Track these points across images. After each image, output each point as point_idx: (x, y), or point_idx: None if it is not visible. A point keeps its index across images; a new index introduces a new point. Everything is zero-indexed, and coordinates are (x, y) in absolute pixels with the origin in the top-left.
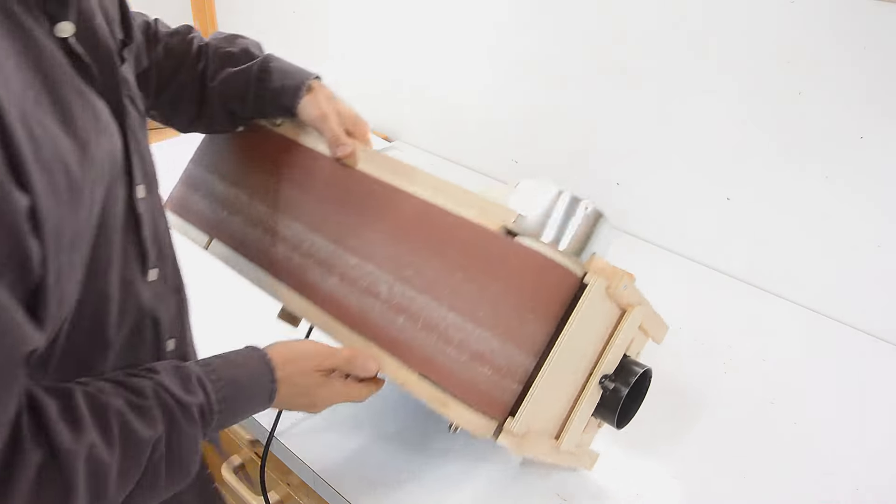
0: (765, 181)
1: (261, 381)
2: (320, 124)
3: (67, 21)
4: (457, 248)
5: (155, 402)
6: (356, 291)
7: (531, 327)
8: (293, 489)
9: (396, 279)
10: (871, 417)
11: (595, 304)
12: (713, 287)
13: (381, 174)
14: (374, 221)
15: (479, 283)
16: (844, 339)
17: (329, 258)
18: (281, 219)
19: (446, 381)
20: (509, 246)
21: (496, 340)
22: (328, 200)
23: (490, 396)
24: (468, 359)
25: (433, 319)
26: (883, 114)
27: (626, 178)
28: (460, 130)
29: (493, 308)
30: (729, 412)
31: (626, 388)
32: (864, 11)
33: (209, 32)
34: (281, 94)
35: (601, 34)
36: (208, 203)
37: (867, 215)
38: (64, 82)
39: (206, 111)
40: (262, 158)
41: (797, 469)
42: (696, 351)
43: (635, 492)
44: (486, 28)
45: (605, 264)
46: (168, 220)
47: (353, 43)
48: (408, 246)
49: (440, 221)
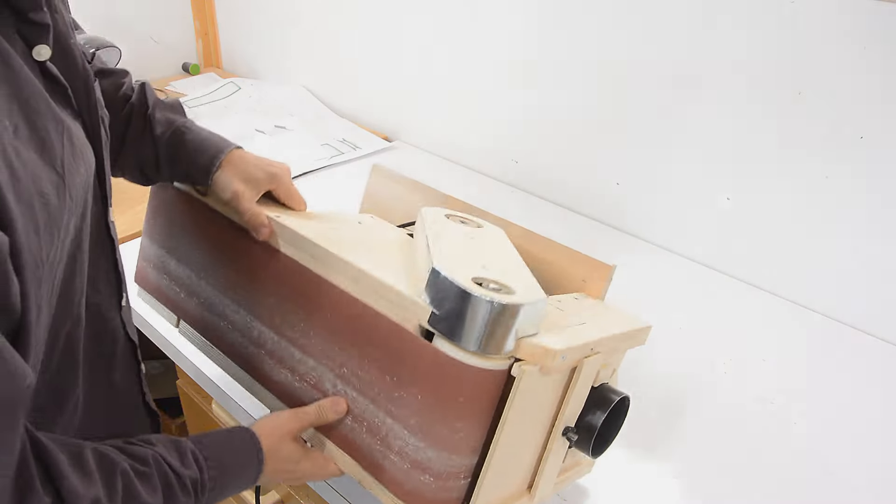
0: (765, 181)
1: (249, 462)
2: (234, 205)
3: (44, 45)
4: (382, 348)
5: (155, 471)
6: (306, 387)
7: (463, 434)
8: (293, 489)
9: (337, 377)
10: (871, 417)
11: (530, 388)
12: (713, 287)
13: (303, 259)
14: (305, 312)
15: (407, 391)
16: (844, 339)
17: (276, 350)
18: (228, 304)
19: (394, 488)
20: (427, 352)
21: (431, 450)
22: (261, 284)
23: (437, 500)
24: (410, 467)
25: (374, 424)
26: (883, 114)
27: (626, 178)
28: (460, 130)
29: (422, 418)
30: (729, 412)
31: (591, 439)
32: (864, 11)
33: (209, 32)
34: (192, 171)
35: (600, 34)
36: (167, 282)
37: (867, 215)
38: (41, 111)
39: (119, 164)
40: (199, 234)
41: (797, 469)
42: (696, 351)
43: (635, 492)
44: (486, 28)
45: (533, 348)
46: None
47: (352, 43)
48: (339, 342)
49: (362, 318)
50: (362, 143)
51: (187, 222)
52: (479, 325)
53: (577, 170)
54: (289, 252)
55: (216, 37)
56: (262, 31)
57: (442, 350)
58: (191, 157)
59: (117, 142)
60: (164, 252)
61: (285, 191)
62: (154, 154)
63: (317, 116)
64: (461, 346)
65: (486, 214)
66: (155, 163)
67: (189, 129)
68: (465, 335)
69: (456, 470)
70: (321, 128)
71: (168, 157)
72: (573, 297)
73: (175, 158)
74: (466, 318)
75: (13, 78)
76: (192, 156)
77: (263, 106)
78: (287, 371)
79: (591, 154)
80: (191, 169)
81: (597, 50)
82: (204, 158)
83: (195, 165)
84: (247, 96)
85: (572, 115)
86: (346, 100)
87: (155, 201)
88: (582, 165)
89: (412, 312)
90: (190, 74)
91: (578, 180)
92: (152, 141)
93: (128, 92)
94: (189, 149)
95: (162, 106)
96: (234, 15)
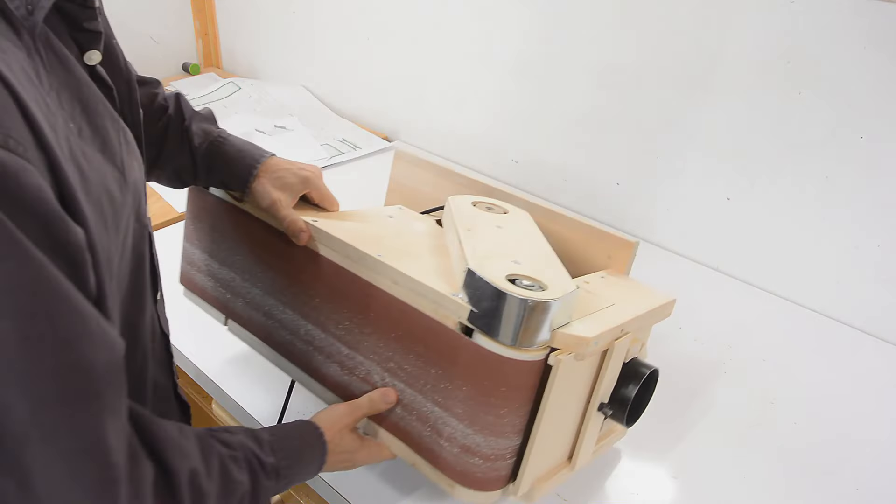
0: (765, 181)
1: (314, 453)
2: (273, 213)
3: (96, 50)
4: (425, 344)
5: (241, 455)
6: (356, 380)
7: (507, 419)
8: (293, 489)
9: (385, 370)
10: (870, 417)
11: (566, 374)
12: (713, 287)
13: (342, 261)
14: (349, 312)
15: (451, 383)
16: (844, 339)
17: (325, 346)
18: (274, 304)
19: (446, 469)
20: (468, 347)
21: (478, 436)
22: (305, 286)
23: (486, 479)
24: (459, 451)
25: (423, 413)
26: (883, 114)
27: (626, 178)
28: (460, 130)
29: (468, 407)
30: (729, 412)
31: (625, 412)
32: (864, 11)
33: (209, 32)
34: (230, 181)
35: (601, 35)
36: (212, 283)
37: (867, 215)
38: (100, 112)
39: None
40: (239, 238)
41: (797, 469)
42: (696, 351)
43: (635, 491)
44: (486, 28)
45: (567, 337)
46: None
47: (352, 43)
48: (384, 339)
49: (404, 316)
50: (362, 143)
51: (227, 227)
52: (515, 321)
53: (578, 170)
54: (328, 255)
55: (216, 37)
56: (262, 31)
57: (482, 345)
58: (228, 168)
59: (154, 150)
60: (206, 256)
61: (318, 193)
62: (192, 164)
63: (317, 116)
64: (499, 341)
65: (510, 197)
66: (192, 171)
67: (225, 140)
68: (502, 331)
69: (502, 451)
70: (321, 128)
71: (206, 167)
72: (600, 276)
73: (212, 168)
74: (503, 316)
75: (74, 82)
76: (230, 166)
77: (263, 106)
78: (336, 365)
79: (591, 154)
80: (228, 179)
81: (597, 51)
82: (241, 169)
83: (233, 176)
84: (247, 96)
85: (573, 116)
86: (346, 100)
87: (193, 208)
88: (582, 166)
89: (452, 311)
90: (190, 74)
91: (579, 180)
92: (190, 152)
93: (163, 102)
94: (226, 159)
95: (198, 117)
96: (234, 15)
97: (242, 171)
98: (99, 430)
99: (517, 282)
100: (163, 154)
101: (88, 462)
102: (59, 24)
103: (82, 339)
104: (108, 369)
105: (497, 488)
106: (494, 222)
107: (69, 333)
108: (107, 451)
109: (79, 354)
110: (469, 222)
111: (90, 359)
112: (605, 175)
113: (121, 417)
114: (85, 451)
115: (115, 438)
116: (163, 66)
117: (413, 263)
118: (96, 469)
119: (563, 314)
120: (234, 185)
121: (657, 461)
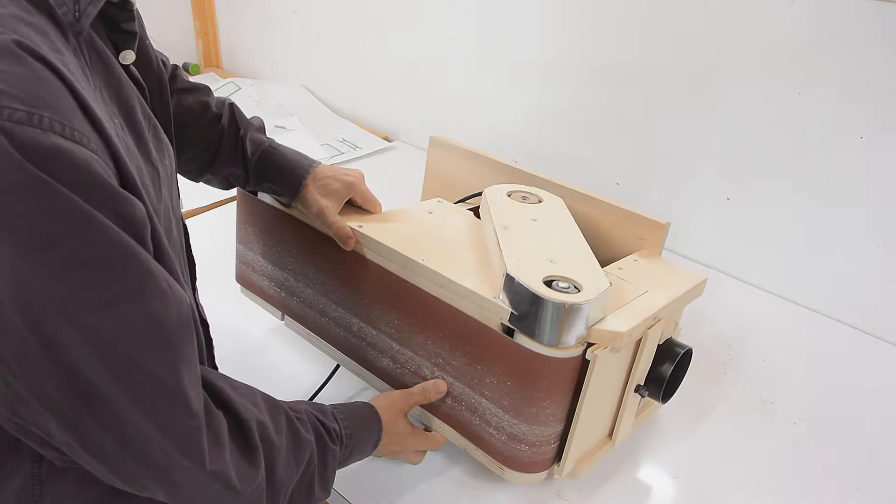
0: (765, 181)
1: (372, 431)
2: (321, 220)
3: (130, 50)
4: (469, 342)
5: (307, 419)
6: (407, 373)
7: (550, 410)
8: None
9: (434, 365)
10: (870, 417)
11: (604, 366)
12: (713, 287)
13: (388, 265)
14: (398, 312)
15: (496, 377)
16: (844, 339)
17: (377, 342)
18: (327, 303)
19: (495, 454)
20: (510, 346)
21: (524, 425)
22: (354, 288)
23: (533, 462)
24: (507, 439)
25: (472, 404)
26: (883, 114)
27: (626, 178)
28: (460, 130)
29: (513, 400)
30: (729, 412)
31: (661, 390)
32: (864, 11)
33: (209, 32)
34: (280, 188)
35: (601, 35)
36: (267, 282)
37: (867, 215)
38: (136, 107)
39: (206, 177)
40: (290, 242)
41: (797, 469)
42: (697, 351)
43: (635, 491)
44: (486, 29)
45: (603, 333)
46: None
47: (352, 43)
48: (431, 337)
49: (449, 317)
50: (362, 143)
51: (278, 231)
52: (552, 323)
53: (578, 170)
54: (375, 259)
55: (216, 37)
56: (262, 31)
57: (523, 345)
58: (279, 177)
59: (208, 156)
60: (259, 257)
61: (362, 196)
62: (244, 171)
63: (317, 116)
64: (539, 341)
65: (544, 182)
66: (244, 178)
67: (275, 150)
68: (541, 332)
69: (546, 438)
70: (321, 128)
71: (257, 175)
72: (633, 259)
73: (263, 176)
74: (541, 318)
75: (115, 81)
76: (280, 175)
77: (263, 106)
78: (388, 359)
79: (591, 154)
80: (280, 187)
81: (597, 51)
82: (292, 179)
83: (284, 184)
84: (247, 96)
85: (573, 116)
86: (346, 100)
87: (243, 212)
88: (582, 166)
89: (493, 312)
90: (190, 74)
91: (579, 180)
92: (243, 161)
93: (216, 111)
94: (277, 168)
95: (252, 128)
96: (234, 15)
97: (293, 180)
98: (178, 380)
99: (554, 283)
100: (217, 161)
101: (173, 412)
102: (99, 25)
103: (154, 295)
104: (179, 322)
105: (543, 469)
106: (530, 215)
107: (143, 292)
108: (187, 400)
109: (154, 310)
110: (505, 217)
111: (163, 313)
112: (605, 175)
113: (195, 368)
114: (168, 401)
115: (193, 388)
116: None
117: (455, 264)
118: (180, 418)
119: (597, 311)
120: (285, 193)
121: (657, 461)
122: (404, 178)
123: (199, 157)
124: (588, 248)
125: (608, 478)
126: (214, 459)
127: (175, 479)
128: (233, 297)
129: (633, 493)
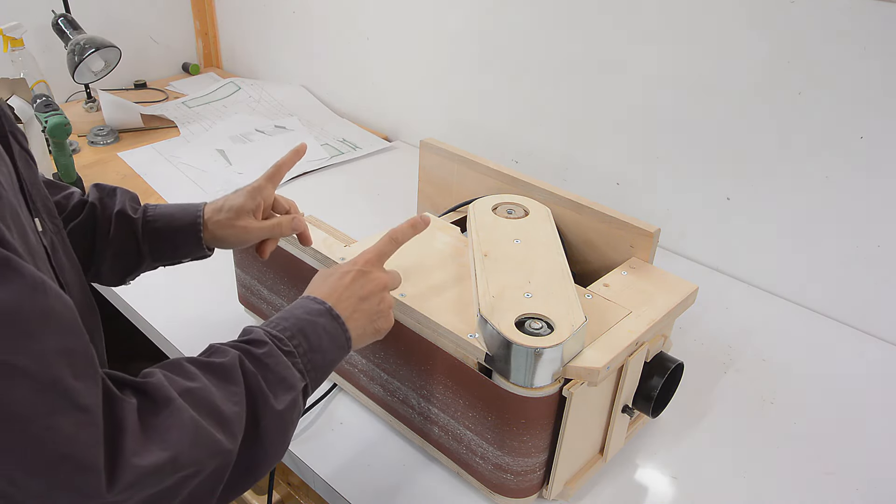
0: (765, 181)
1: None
2: (251, 237)
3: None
4: (450, 377)
5: (224, 347)
6: (397, 401)
7: (531, 443)
8: (293, 489)
9: (420, 396)
10: (871, 417)
11: (584, 399)
12: (713, 287)
13: None
14: (381, 344)
15: (478, 412)
16: (844, 339)
17: (367, 370)
18: None
19: (483, 481)
20: (487, 385)
21: (507, 457)
22: None
23: (520, 489)
24: (493, 468)
25: (458, 434)
26: (883, 114)
27: (626, 178)
28: (460, 130)
29: (495, 434)
30: (729, 412)
31: (650, 407)
32: (864, 11)
33: (209, 32)
34: (178, 246)
35: (600, 34)
36: (265, 305)
37: (867, 215)
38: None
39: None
40: (276, 268)
41: (797, 469)
42: (696, 351)
43: (635, 491)
44: (485, 29)
45: (579, 370)
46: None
47: (352, 43)
48: (415, 370)
49: (430, 353)
50: (362, 143)
51: (268, 259)
52: (524, 366)
53: (578, 170)
54: None
55: (216, 37)
56: (262, 31)
57: (499, 385)
58: (172, 226)
59: (87, 245)
60: (255, 281)
61: (269, 201)
62: (136, 246)
63: (317, 116)
64: (514, 382)
65: (535, 189)
66: (136, 249)
67: (156, 206)
68: (514, 374)
69: (531, 467)
70: (321, 128)
71: (149, 241)
72: (622, 272)
73: (155, 239)
74: (512, 361)
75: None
76: (168, 230)
77: (263, 106)
78: (379, 387)
79: (591, 154)
80: (176, 246)
81: (597, 51)
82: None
83: (178, 240)
84: (247, 96)
85: (572, 116)
86: (346, 100)
87: None
88: (582, 166)
89: (469, 352)
90: (190, 74)
91: (578, 180)
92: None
93: (81, 198)
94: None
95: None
96: (234, 15)
97: (184, 229)
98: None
99: (527, 324)
100: (97, 243)
101: None
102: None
103: None
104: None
105: (532, 494)
106: (513, 234)
107: None
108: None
109: None
110: (487, 241)
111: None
112: (604, 175)
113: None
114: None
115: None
116: (163, 66)
117: (436, 296)
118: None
119: (574, 345)
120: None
121: (657, 461)
122: (404, 178)
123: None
124: (568, 274)
125: (608, 478)
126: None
127: None
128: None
129: (633, 493)
